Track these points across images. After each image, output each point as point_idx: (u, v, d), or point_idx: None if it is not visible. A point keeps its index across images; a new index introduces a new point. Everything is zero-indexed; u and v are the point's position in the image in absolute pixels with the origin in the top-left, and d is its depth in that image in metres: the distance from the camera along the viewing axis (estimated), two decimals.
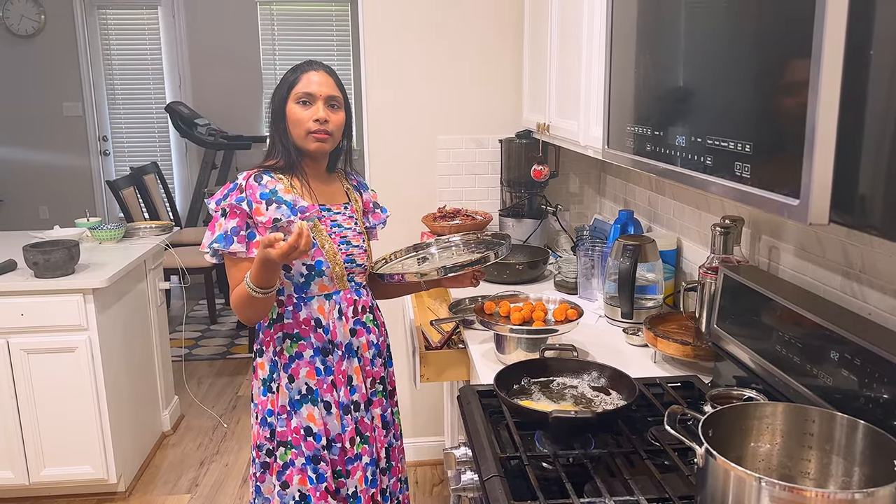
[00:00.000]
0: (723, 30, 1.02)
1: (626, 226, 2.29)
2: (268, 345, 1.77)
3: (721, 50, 1.01)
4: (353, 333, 1.80)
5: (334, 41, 6.59)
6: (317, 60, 1.77)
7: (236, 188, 1.69)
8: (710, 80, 1.05)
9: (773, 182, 0.88)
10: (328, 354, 1.76)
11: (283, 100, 1.72)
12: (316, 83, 1.70)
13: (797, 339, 1.29)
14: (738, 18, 0.97)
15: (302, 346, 1.75)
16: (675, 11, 1.16)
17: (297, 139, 1.72)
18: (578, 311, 1.78)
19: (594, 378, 1.46)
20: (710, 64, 1.04)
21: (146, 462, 3.15)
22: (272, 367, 1.77)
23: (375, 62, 2.83)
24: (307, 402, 1.75)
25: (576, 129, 2.03)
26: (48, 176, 6.54)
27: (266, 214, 1.66)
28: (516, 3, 2.80)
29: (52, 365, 2.67)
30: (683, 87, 1.14)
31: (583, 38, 1.93)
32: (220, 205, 1.68)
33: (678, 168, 1.14)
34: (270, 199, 1.67)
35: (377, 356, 1.87)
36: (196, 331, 4.79)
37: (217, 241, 1.66)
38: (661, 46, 1.23)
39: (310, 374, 1.75)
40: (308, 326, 1.75)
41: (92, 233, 3.14)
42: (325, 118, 1.69)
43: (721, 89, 1.01)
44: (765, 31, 0.91)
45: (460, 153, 2.92)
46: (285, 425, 1.76)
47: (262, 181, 1.69)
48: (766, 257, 1.68)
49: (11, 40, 6.30)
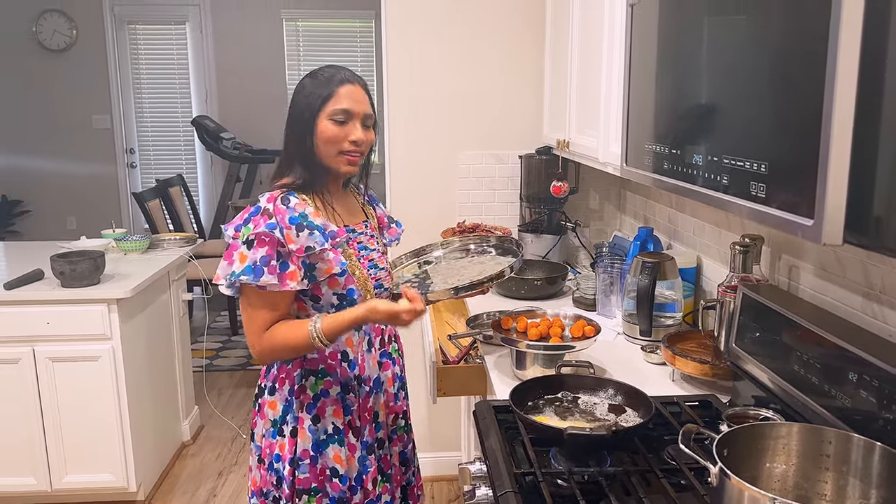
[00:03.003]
0: (739, 51, 1.02)
1: (645, 243, 2.28)
2: (282, 382, 1.62)
3: (738, 70, 1.02)
4: (380, 366, 1.71)
5: (358, 56, 6.67)
6: (348, 69, 1.59)
7: (261, 212, 1.50)
8: (726, 100, 1.06)
9: (787, 202, 0.88)
10: (352, 391, 1.65)
11: (315, 114, 1.54)
12: (354, 100, 1.55)
13: (816, 360, 1.28)
14: (754, 40, 0.98)
15: (328, 382, 1.62)
16: (692, 32, 1.17)
17: (326, 158, 1.56)
18: (596, 328, 1.78)
19: (610, 395, 1.46)
20: (727, 84, 1.05)
21: (165, 471, 3.18)
22: (286, 408, 1.62)
23: (397, 78, 2.86)
24: (334, 443, 1.62)
25: (595, 145, 2.03)
26: (76, 187, 6.66)
27: (297, 242, 1.49)
28: (537, 20, 2.82)
29: (75, 373, 2.71)
30: (700, 107, 1.15)
31: (602, 56, 1.94)
32: (240, 231, 1.50)
33: (695, 187, 1.15)
34: (301, 225, 1.50)
35: (401, 389, 1.79)
36: (217, 342, 4.84)
37: (245, 272, 1.47)
38: (679, 66, 1.23)
39: (337, 413, 1.62)
40: (334, 361, 1.62)
41: (117, 244, 3.20)
42: (363, 139, 1.56)
43: (738, 109, 1.02)
44: (780, 51, 0.91)
45: (480, 168, 2.94)
46: (308, 471, 1.61)
47: (290, 203, 1.52)
48: (785, 276, 1.67)
49: (44, 54, 6.46)
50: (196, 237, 3.49)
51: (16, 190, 6.61)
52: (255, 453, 1.69)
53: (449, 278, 1.93)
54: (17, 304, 2.66)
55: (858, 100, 0.77)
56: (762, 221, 0.94)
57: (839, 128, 0.77)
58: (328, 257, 1.54)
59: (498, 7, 2.83)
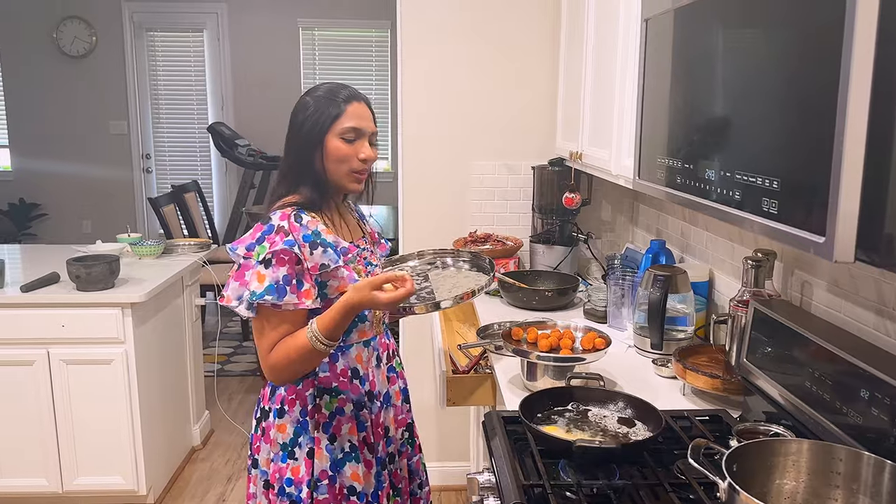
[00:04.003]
0: (752, 67, 1.03)
1: (657, 255, 2.28)
2: (292, 404, 1.58)
3: (751, 87, 1.02)
4: (388, 381, 1.72)
5: (373, 66, 6.72)
6: (352, 87, 1.59)
7: (277, 230, 1.48)
8: (739, 116, 1.06)
9: (799, 219, 0.88)
10: (364, 407, 1.63)
11: (323, 132, 1.52)
12: (362, 118, 1.55)
13: (828, 377, 1.28)
14: (767, 57, 0.98)
15: (342, 400, 1.60)
16: (707, 48, 1.18)
17: (335, 175, 1.55)
18: (606, 341, 1.78)
19: (620, 408, 1.46)
20: (741, 100, 1.06)
21: (175, 475, 3.20)
22: (299, 430, 1.58)
23: (411, 87, 2.88)
24: (351, 461, 1.61)
25: (608, 157, 2.04)
26: (92, 191, 6.73)
27: (311, 259, 1.48)
28: (552, 32, 2.83)
29: (89, 376, 2.74)
30: (713, 122, 1.15)
31: (615, 70, 1.95)
32: (255, 250, 1.47)
33: (707, 201, 1.15)
34: (315, 242, 1.49)
35: (405, 402, 1.80)
36: (228, 346, 4.86)
37: (269, 292, 1.44)
38: (693, 82, 1.24)
39: (352, 430, 1.61)
40: (346, 378, 1.60)
41: (132, 248, 3.23)
42: (373, 157, 1.56)
43: (751, 125, 1.02)
44: (793, 68, 0.92)
45: (492, 179, 2.95)
46: (327, 491, 1.58)
47: (303, 221, 1.51)
48: (798, 292, 1.66)
49: (63, 60, 6.54)
50: (210, 243, 3.52)
51: (33, 193, 6.69)
52: (259, 479, 1.63)
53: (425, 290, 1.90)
54: (32, 306, 2.69)
55: (871, 117, 0.77)
56: (774, 237, 0.94)
57: (851, 145, 0.78)
58: (341, 274, 1.53)
59: (512, 19, 2.85)
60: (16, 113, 6.64)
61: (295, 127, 1.57)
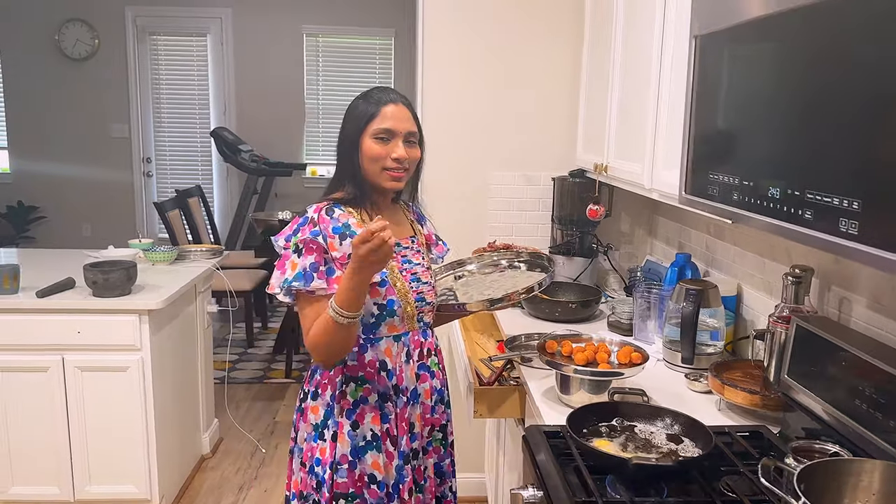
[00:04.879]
0: (824, 76, 1.03)
1: (683, 269, 2.29)
2: (325, 388, 1.67)
3: (822, 99, 1.02)
4: (417, 378, 1.73)
5: (377, 73, 6.72)
6: (393, 89, 1.68)
7: (308, 222, 1.60)
8: (809, 132, 1.06)
9: (884, 239, 0.88)
10: (390, 400, 1.68)
11: (359, 132, 1.62)
12: (396, 118, 1.62)
13: (877, 393, 1.28)
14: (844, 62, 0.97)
15: (367, 389, 1.66)
16: (772, 65, 1.18)
17: (372, 175, 1.64)
18: (643, 356, 1.77)
19: (668, 425, 1.46)
20: (811, 115, 1.05)
21: (186, 484, 3.16)
22: (328, 413, 1.66)
23: (431, 98, 2.88)
24: (372, 449, 1.66)
25: (640, 170, 2.04)
26: (92, 194, 6.69)
27: (340, 250, 1.58)
28: (574, 44, 2.84)
29: (103, 383, 2.71)
30: (778, 139, 1.15)
31: (650, 83, 1.95)
32: (291, 241, 1.59)
33: (770, 219, 1.15)
34: (344, 234, 1.59)
35: (439, 402, 1.80)
36: (233, 353, 4.83)
37: (297, 278, 1.55)
38: (752, 96, 1.24)
39: (375, 420, 1.66)
40: (373, 369, 1.65)
41: (145, 254, 3.20)
42: (405, 156, 1.62)
43: (824, 141, 1.02)
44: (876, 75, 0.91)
45: (511, 189, 2.95)
46: (346, 476, 1.64)
47: (334, 214, 1.62)
48: (835, 308, 1.67)
49: (65, 62, 6.51)
50: (222, 249, 3.50)
51: (32, 196, 6.64)
52: (297, 456, 1.73)
53: (484, 290, 1.96)
54: (48, 311, 2.66)
55: None
56: (852, 258, 0.94)
57: None
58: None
59: (533, 32, 2.85)
60: (15, 114, 6.60)
61: (342, 128, 1.68)
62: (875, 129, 0.91)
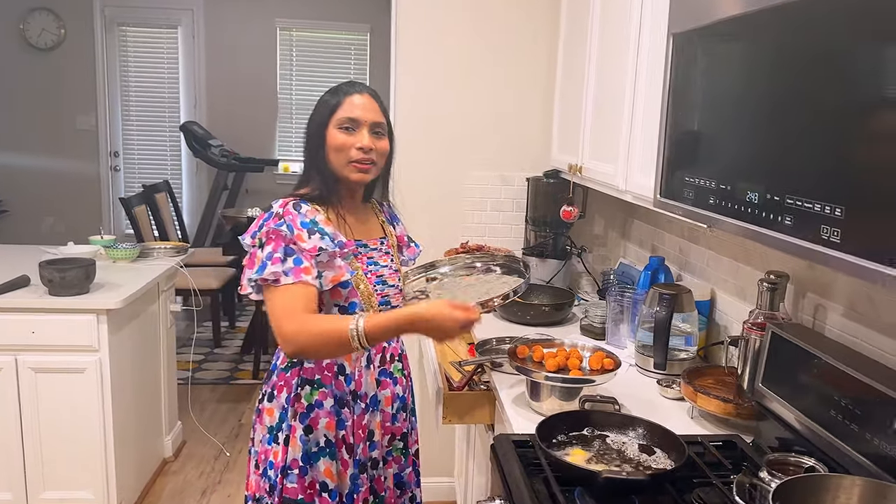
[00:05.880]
0: (808, 77, 0.99)
1: (656, 273, 2.25)
2: (280, 389, 1.62)
3: (805, 100, 0.98)
4: (378, 384, 1.68)
5: (351, 69, 6.63)
6: (361, 83, 1.64)
7: (273, 216, 1.54)
8: (791, 135, 1.02)
9: (868, 249, 0.84)
10: (347, 406, 1.62)
11: (323, 124, 1.57)
12: (361, 107, 1.57)
13: (853, 404, 1.25)
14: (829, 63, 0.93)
15: (323, 394, 1.60)
16: (753, 64, 1.14)
17: (338, 167, 1.58)
18: (615, 362, 1.73)
19: (640, 435, 1.41)
20: (792, 116, 1.01)
21: (146, 489, 3.07)
22: (282, 416, 1.61)
23: (404, 94, 2.82)
24: (325, 456, 1.60)
25: (614, 172, 2.00)
26: (56, 188, 6.50)
27: (309, 242, 1.51)
28: (549, 44, 2.79)
29: (59, 385, 2.60)
30: (758, 141, 1.11)
31: (625, 84, 1.91)
32: (256, 237, 1.54)
33: (748, 224, 1.11)
34: (312, 229, 1.53)
35: (401, 410, 1.75)
36: (200, 353, 4.72)
37: (258, 271, 1.49)
38: (731, 97, 1.20)
39: (329, 426, 1.60)
40: (330, 373, 1.61)
41: (106, 251, 3.10)
42: (370, 146, 1.56)
43: (808, 148, 0.98)
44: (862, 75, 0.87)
45: (486, 189, 2.90)
46: (296, 481, 1.59)
47: (302, 210, 1.55)
48: (810, 315, 1.64)
49: (30, 52, 6.32)
50: (187, 246, 3.40)
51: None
52: (252, 458, 1.69)
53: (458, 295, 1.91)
54: (0, 310, 2.55)
55: None
56: (834, 267, 0.90)
57: None
58: (337, 264, 1.55)
59: (509, 30, 2.80)
60: None
61: (308, 123, 1.63)
62: (859, 133, 0.87)
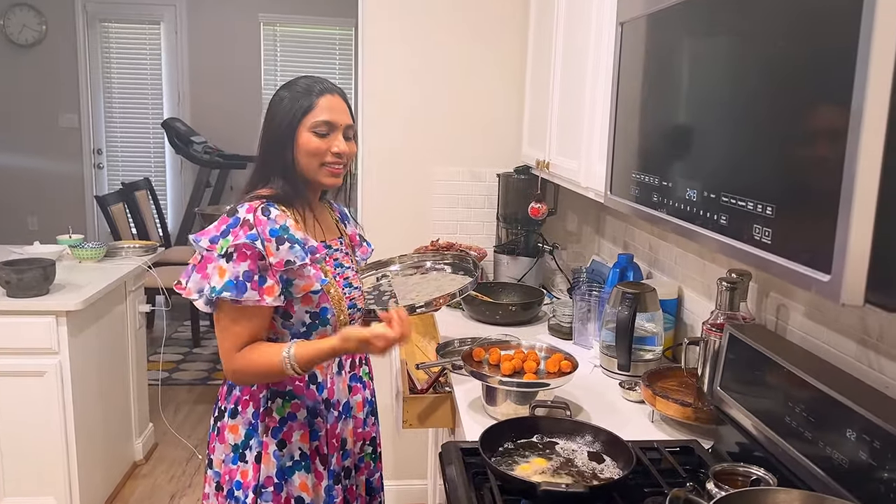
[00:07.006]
0: (742, 72, 0.92)
1: (625, 270, 2.19)
2: (246, 405, 1.53)
3: (743, 98, 0.92)
4: (349, 390, 1.63)
5: (336, 64, 6.55)
6: (327, 80, 1.54)
7: (241, 224, 1.41)
8: (727, 131, 0.96)
9: (799, 252, 0.78)
10: (320, 415, 1.56)
11: (294, 126, 1.48)
12: (335, 111, 1.50)
13: (808, 411, 1.19)
14: (767, 65, 0.87)
15: (296, 405, 1.53)
16: (692, 54, 1.07)
17: (308, 170, 1.50)
18: (573, 364, 1.67)
19: (589, 442, 1.35)
20: (730, 113, 0.95)
21: (114, 493, 3.00)
22: (250, 432, 1.52)
23: (372, 89, 2.75)
24: (300, 470, 1.53)
25: (577, 168, 1.94)
26: (39, 186, 6.43)
27: (276, 255, 1.41)
28: (519, 36, 2.73)
29: (17, 389, 2.54)
30: (696, 136, 1.05)
31: (586, 77, 1.84)
32: (219, 243, 1.41)
33: (686, 223, 1.04)
34: (282, 238, 1.42)
35: (370, 414, 1.71)
36: (178, 353, 4.65)
37: (227, 288, 1.38)
38: (672, 90, 1.14)
39: (303, 438, 1.53)
40: (302, 382, 1.53)
41: (72, 251, 3.03)
42: (346, 151, 1.50)
43: (742, 142, 0.92)
44: (794, 74, 0.81)
45: (456, 186, 2.84)
46: (272, 499, 1.51)
47: (271, 215, 1.44)
48: (773, 315, 1.58)
49: (11, 49, 6.24)
50: (157, 245, 3.33)
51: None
52: (212, 480, 1.59)
53: (406, 294, 1.85)
54: None
55: (888, 136, 0.67)
56: (767, 271, 0.84)
57: (866, 168, 0.67)
58: (308, 273, 1.48)
59: (479, 22, 2.74)
60: None
61: (268, 120, 1.53)
62: (791, 127, 0.81)
